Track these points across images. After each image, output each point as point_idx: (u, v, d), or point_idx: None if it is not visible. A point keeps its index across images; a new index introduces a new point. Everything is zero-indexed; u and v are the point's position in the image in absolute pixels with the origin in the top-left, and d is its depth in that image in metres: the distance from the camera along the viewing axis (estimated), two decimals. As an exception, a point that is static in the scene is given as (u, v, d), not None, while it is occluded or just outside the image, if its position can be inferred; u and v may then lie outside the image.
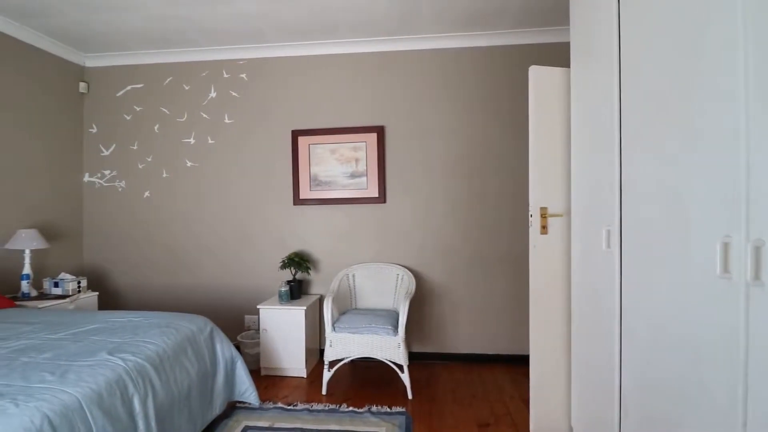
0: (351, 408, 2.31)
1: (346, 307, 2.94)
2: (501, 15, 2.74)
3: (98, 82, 3.41)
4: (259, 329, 2.92)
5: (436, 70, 3.09)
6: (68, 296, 2.73)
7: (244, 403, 2.33)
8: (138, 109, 3.36)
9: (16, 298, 2.62)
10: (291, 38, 3.06)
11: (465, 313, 3.07)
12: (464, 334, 3.08)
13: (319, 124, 3.18)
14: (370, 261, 3.13)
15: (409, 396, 2.47)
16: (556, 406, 2.00)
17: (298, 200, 3.19)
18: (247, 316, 3.23)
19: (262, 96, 3.25)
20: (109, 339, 1.80)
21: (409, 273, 2.97)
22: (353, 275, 3.03)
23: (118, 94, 3.38)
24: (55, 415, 1.24)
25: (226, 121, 3.28)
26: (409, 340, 3.05)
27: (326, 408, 2.32)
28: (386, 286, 2.98)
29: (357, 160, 3.13)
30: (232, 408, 2.29)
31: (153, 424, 1.56)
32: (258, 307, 2.84)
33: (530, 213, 1.95)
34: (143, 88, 3.35)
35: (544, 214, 1.92)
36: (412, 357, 3.00)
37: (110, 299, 3.37)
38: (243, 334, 3.07)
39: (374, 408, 2.31)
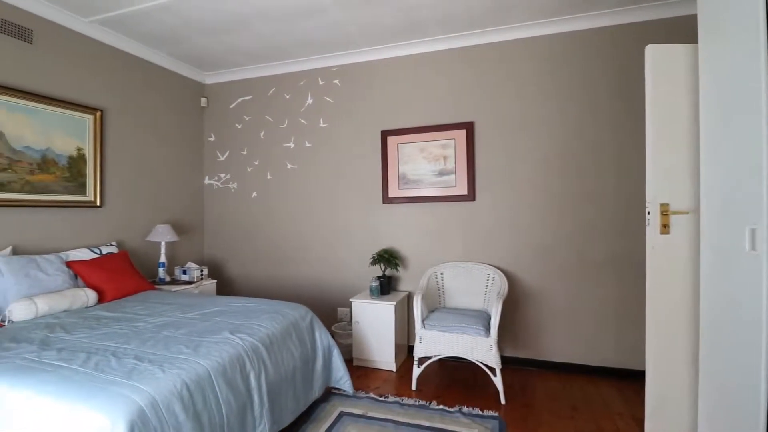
0: (441, 406, 2.30)
1: (435, 306, 2.93)
2: (607, -7, 2.50)
3: (215, 96, 3.88)
4: (351, 321, 3.06)
5: (529, 61, 2.93)
6: (193, 282, 3.16)
7: (339, 389, 2.47)
8: (247, 118, 3.76)
9: (155, 282, 3.11)
10: (379, 41, 3.15)
11: (562, 319, 2.86)
12: (561, 341, 2.87)
13: (408, 123, 3.23)
14: (458, 260, 3.08)
15: (502, 401, 2.38)
16: (678, 428, 1.76)
17: (387, 198, 3.27)
18: (339, 309, 3.41)
19: (353, 99, 3.40)
20: (229, 320, 2.04)
21: (501, 273, 2.86)
22: (441, 273, 3.01)
23: (231, 106, 3.82)
24: (191, 382, 1.45)
25: (321, 125, 3.50)
26: (500, 343, 2.94)
27: (416, 403, 2.34)
28: (476, 286, 2.91)
29: (445, 158, 3.11)
30: (328, 393, 2.43)
31: (265, 398, 1.74)
32: (350, 300, 2.98)
33: (647, 210, 1.74)
34: (251, 100, 3.74)
35: (665, 212, 1.70)
36: (503, 361, 2.88)
37: (225, 286, 3.82)
38: (336, 324, 3.24)
39: (465, 409, 2.27)
